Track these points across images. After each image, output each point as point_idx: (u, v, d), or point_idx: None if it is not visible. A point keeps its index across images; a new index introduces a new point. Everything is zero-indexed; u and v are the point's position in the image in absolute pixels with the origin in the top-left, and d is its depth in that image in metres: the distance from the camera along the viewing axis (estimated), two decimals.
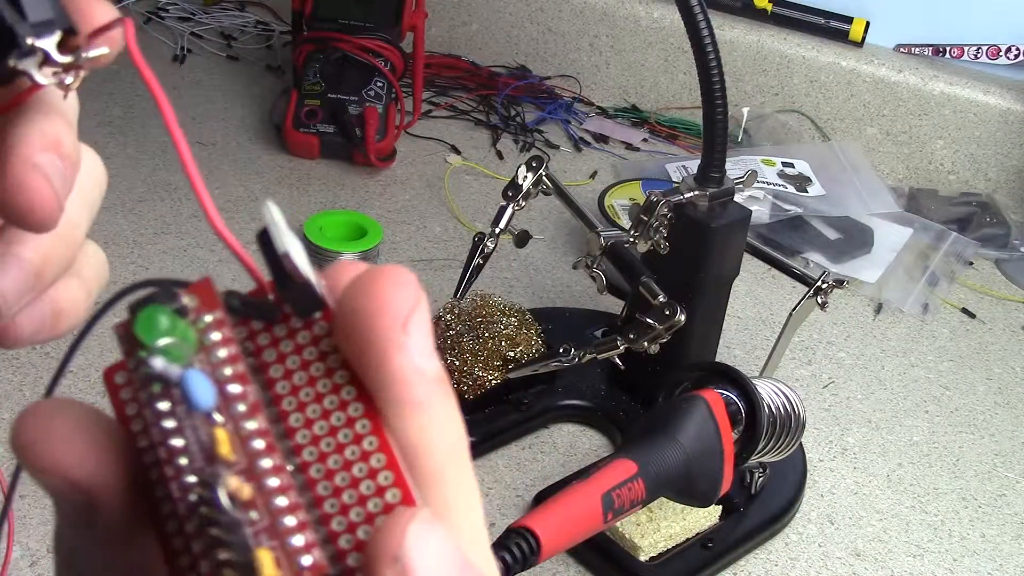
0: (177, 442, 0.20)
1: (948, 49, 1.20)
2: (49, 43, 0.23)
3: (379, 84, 1.07)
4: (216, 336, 0.21)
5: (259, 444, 0.21)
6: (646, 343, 0.67)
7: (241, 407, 0.21)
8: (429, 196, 1.04)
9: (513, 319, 0.76)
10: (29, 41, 0.23)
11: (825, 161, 1.15)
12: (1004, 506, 0.75)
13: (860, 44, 1.22)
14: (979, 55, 1.19)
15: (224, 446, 0.20)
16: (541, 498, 0.68)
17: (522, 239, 0.78)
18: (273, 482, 0.20)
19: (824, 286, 0.73)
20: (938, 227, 1.08)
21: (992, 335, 0.96)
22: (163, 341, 0.21)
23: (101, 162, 0.29)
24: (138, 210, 0.95)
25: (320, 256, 0.88)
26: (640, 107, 1.29)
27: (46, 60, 0.23)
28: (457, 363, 0.73)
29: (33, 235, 0.26)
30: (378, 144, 1.05)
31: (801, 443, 0.68)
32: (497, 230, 0.77)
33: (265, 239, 0.21)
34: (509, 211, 0.77)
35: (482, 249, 0.77)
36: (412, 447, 0.21)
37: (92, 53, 0.24)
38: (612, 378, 0.78)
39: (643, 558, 0.64)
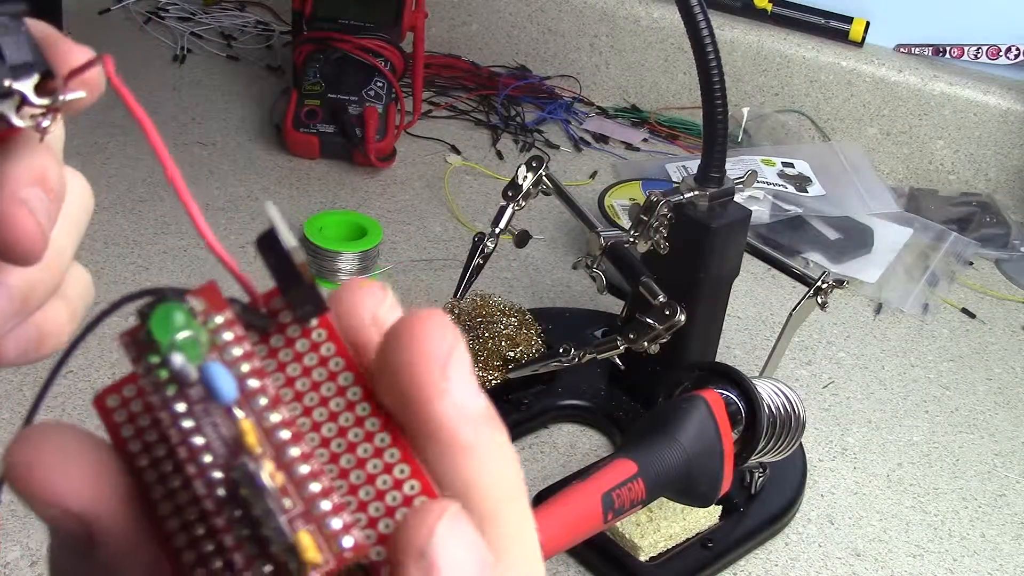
0: (198, 440, 0.20)
1: (948, 49, 1.20)
2: (27, 86, 0.23)
3: (379, 84, 1.07)
4: (228, 335, 0.22)
5: (285, 434, 0.21)
6: (646, 343, 0.67)
7: (262, 400, 0.21)
8: (429, 196, 1.04)
9: (513, 319, 0.76)
10: (7, 83, 0.23)
11: (825, 161, 1.15)
12: (1004, 506, 0.75)
13: (860, 44, 1.22)
14: (979, 55, 1.19)
15: (251, 436, 0.20)
16: (541, 498, 0.68)
17: (522, 239, 0.78)
18: (304, 469, 0.20)
19: (824, 286, 0.73)
20: (938, 227, 1.08)
21: (992, 335, 0.96)
22: (181, 335, 0.21)
23: (88, 186, 0.29)
24: (138, 210, 0.95)
25: (320, 256, 0.88)
26: (640, 107, 1.29)
27: (24, 102, 0.23)
28: None
29: None
30: (378, 144, 1.05)
31: (801, 443, 0.68)
32: (497, 230, 0.77)
33: (271, 239, 0.21)
34: (509, 211, 0.77)
35: (482, 249, 0.77)
36: (467, 490, 0.21)
37: (69, 97, 0.24)
38: (612, 378, 0.78)
39: (643, 558, 0.64)
